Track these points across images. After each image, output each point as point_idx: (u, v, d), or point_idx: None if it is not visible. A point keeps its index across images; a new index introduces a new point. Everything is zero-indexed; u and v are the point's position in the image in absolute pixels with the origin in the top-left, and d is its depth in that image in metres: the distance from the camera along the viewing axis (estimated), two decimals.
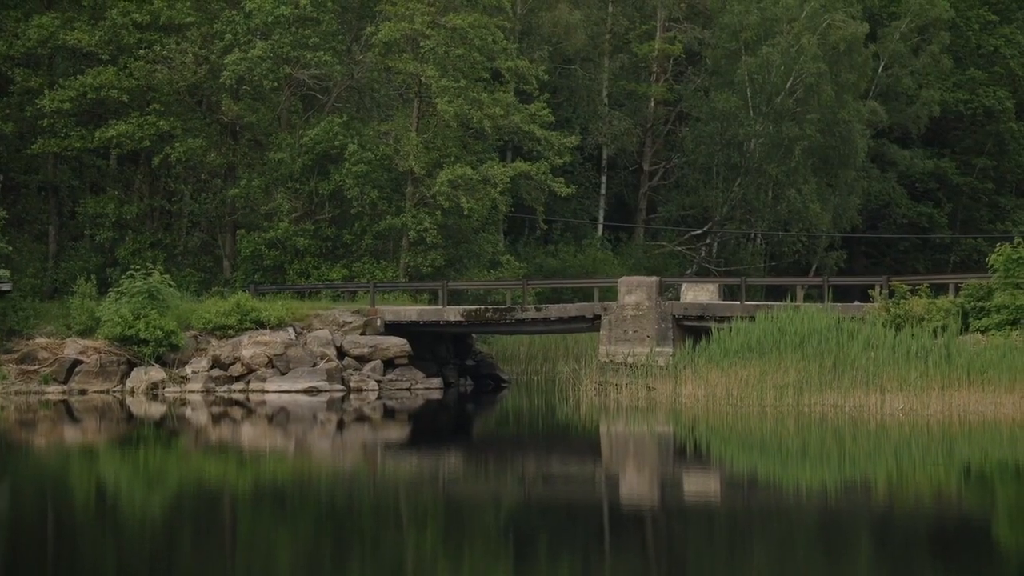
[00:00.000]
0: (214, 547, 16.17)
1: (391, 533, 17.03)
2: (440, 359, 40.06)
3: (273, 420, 32.21)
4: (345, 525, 17.67)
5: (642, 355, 35.05)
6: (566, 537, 16.88)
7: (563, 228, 56.47)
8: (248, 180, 41.90)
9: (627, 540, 16.81)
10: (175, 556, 15.66)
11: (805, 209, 57.15)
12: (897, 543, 16.33)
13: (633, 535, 17.11)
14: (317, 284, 40.69)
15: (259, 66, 40.50)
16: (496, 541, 16.64)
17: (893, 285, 33.99)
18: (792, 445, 26.69)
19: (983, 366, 30.07)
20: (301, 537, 16.54)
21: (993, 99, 64.62)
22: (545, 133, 42.28)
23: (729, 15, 57.34)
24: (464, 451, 27.89)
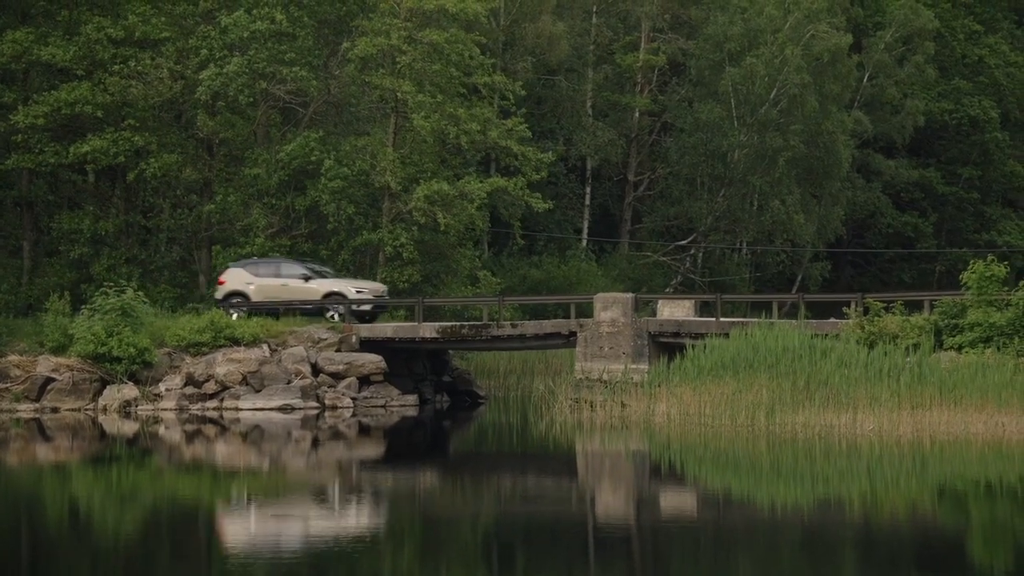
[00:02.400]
0: (189, 566, 16.13)
1: (367, 550, 17.02)
2: (416, 375, 39.95)
3: (247, 438, 32.13)
4: (322, 543, 17.64)
5: (617, 372, 34.98)
6: (543, 554, 16.91)
7: (547, 239, 56.42)
8: (224, 195, 41.80)
9: (606, 557, 16.87)
10: (150, 575, 15.62)
11: (789, 220, 57.16)
12: (877, 560, 16.44)
13: (612, 552, 17.17)
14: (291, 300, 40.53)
15: (235, 81, 40.41)
16: (473, 559, 16.66)
17: (867, 302, 33.90)
18: (765, 464, 26.73)
19: (954, 385, 29.99)
20: None
21: (978, 109, 64.64)
22: (522, 148, 42.22)
23: (713, 26, 57.35)
24: (440, 468, 27.87)
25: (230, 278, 38.80)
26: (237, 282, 38.62)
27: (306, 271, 38.63)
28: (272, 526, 18.83)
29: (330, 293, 38.11)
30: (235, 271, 38.98)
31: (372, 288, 38.85)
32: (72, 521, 19.97)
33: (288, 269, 38.71)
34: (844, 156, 58.38)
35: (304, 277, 38.43)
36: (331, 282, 38.61)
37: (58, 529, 19.12)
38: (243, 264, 39.39)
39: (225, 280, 38.95)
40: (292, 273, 38.56)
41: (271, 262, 39.42)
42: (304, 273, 38.53)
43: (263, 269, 38.76)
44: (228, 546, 17.38)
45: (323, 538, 17.99)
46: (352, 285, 38.61)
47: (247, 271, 38.78)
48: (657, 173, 60.22)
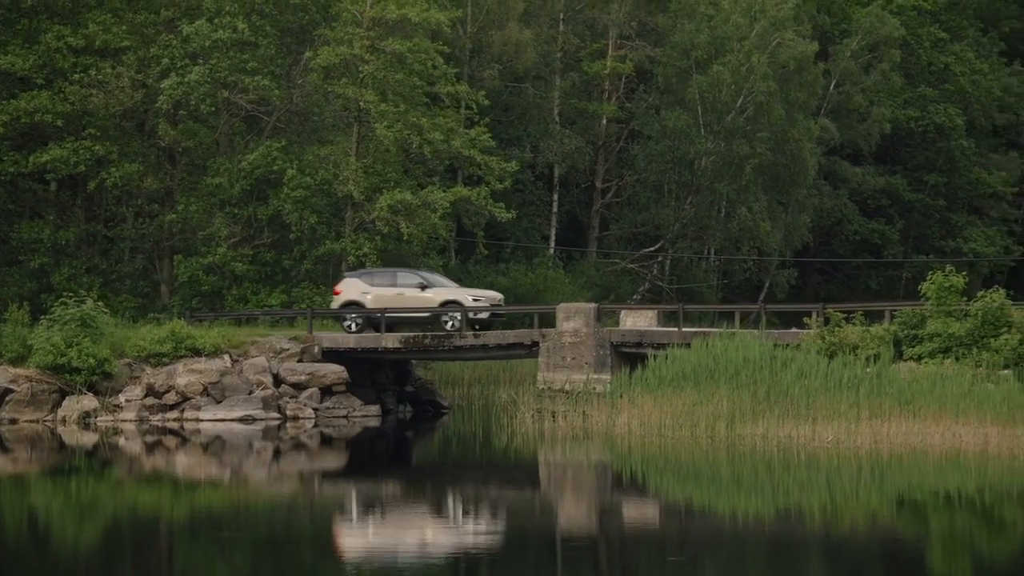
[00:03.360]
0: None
1: (330, 561, 16.98)
2: (379, 385, 39.85)
3: (208, 449, 32.08)
4: (283, 554, 17.61)
5: (580, 382, 34.98)
6: (510, 565, 16.96)
7: (514, 247, 56.41)
8: (186, 205, 41.61)
9: (572, 566, 16.97)
10: None
11: (756, 227, 57.31)
12: (839, 569, 16.71)
13: (578, 561, 17.28)
14: (253, 311, 40.43)
15: (196, 90, 40.24)
16: (440, 570, 16.64)
17: (828, 313, 33.99)
18: (725, 474, 26.89)
19: (912, 396, 30.10)
20: (239, 566, 16.52)
21: (944, 116, 64.94)
22: (485, 158, 42.18)
23: (680, 34, 57.45)
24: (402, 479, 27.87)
25: (346, 288, 38.08)
26: (353, 292, 37.88)
27: (422, 280, 38.00)
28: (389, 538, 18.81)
29: (447, 302, 37.42)
30: (351, 281, 38.28)
31: (488, 296, 38.35)
32: (31, 533, 19.93)
33: (404, 278, 38.10)
34: (810, 163, 58.59)
35: (420, 286, 37.77)
36: (448, 291, 38.06)
37: (16, 541, 19.04)
38: (358, 274, 38.78)
39: (341, 290, 38.21)
40: (408, 282, 37.91)
41: (387, 271, 38.87)
42: (420, 282, 37.85)
43: (379, 279, 38.13)
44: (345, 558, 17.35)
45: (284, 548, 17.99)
46: (469, 293, 38.11)
47: (363, 281, 38.09)
48: (624, 180, 60.30)
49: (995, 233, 66.19)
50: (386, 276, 38.40)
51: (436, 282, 38.48)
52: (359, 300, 37.77)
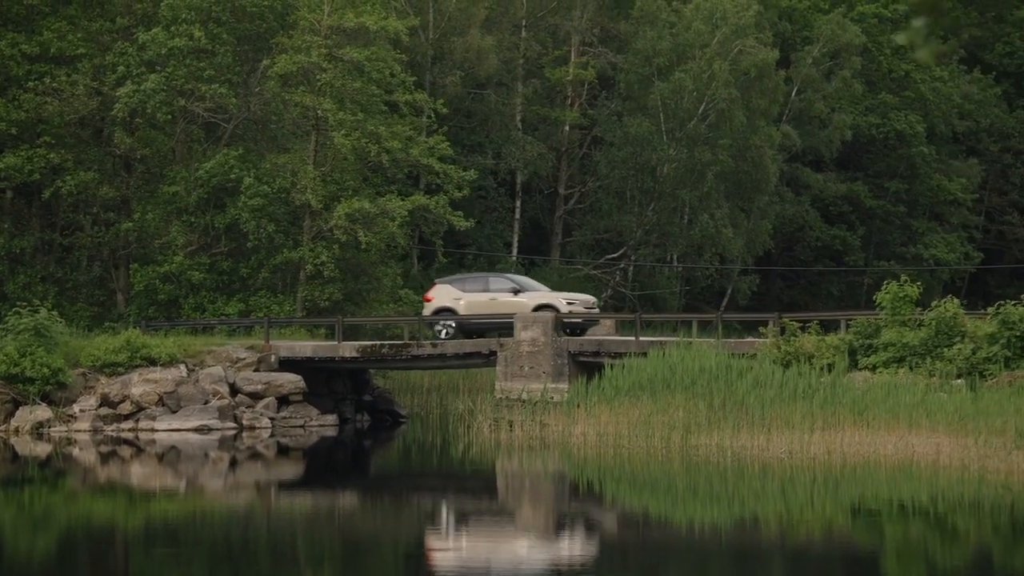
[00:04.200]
0: None
1: (288, 572, 16.90)
2: (337, 395, 39.71)
3: (163, 459, 31.93)
4: (241, 564, 17.56)
5: (537, 391, 34.94)
6: None
7: (476, 253, 56.39)
8: (142, 213, 41.37)
9: None
10: None
11: (718, 234, 57.50)
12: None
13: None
14: (210, 320, 40.22)
15: (153, 98, 40.01)
16: None
17: (784, 322, 34.08)
18: (681, 484, 26.99)
19: (865, 406, 30.19)
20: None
21: (904, 123, 65.31)
22: (444, 167, 42.14)
23: (642, 41, 57.59)
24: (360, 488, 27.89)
25: (437, 294, 37.55)
26: (445, 298, 37.31)
27: (515, 284, 37.47)
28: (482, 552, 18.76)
29: (541, 306, 36.72)
30: (442, 287, 37.76)
31: (583, 300, 37.68)
32: None
33: (497, 283, 37.60)
34: (772, 170, 58.84)
35: (513, 291, 37.20)
36: (541, 295, 37.45)
37: None
38: (450, 280, 38.23)
39: (432, 297, 37.66)
40: (501, 287, 37.38)
41: (479, 277, 38.48)
42: (513, 287, 37.30)
43: (471, 284, 37.65)
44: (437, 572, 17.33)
45: (242, 559, 17.92)
46: (563, 297, 37.49)
47: (454, 287, 37.56)
48: (587, 187, 60.40)
49: (955, 239, 66.61)
50: (478, 281, 37.92)
51: (529, 286, 37.93)
52: (451, 306, 37.12)
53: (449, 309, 37.20)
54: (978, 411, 28.85)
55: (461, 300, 37.18)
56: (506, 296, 37.18)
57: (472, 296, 37.20)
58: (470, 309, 36.98)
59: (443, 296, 37.45)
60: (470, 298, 37.17)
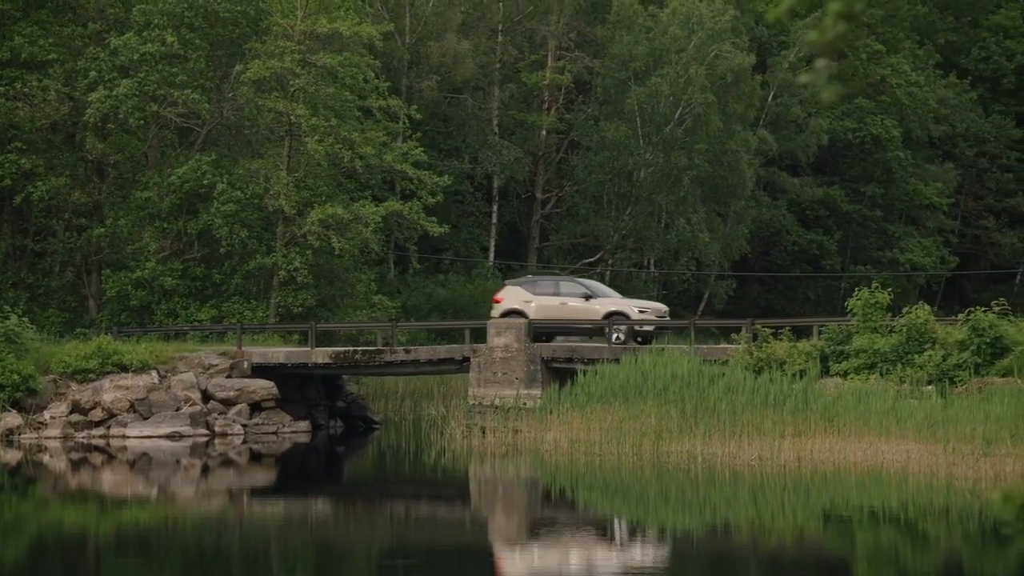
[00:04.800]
0: None
1: None
2: (309, 401, 39.62)
3: (135, 466, 31.87)
4: (213, 572, 17.53)
5: (510, 398, 34.91)
6: None
7: (453, 257, 56.37)
8: (114, 219, 41.23)
9: None
10: None
11: (694, 238, 57.59)
12: None
13: None
14: (182, 326, 40.11)
15: (125, 104, 39.88)
16: None
17: (756, 329, 34.13)
18: (653, 491, 27.08)
19: (835, 413, 30.25)
20: None
21: (880, 128, 65.52)
22: (418, 172, 42.11)
23: (618, 45, 57.64)
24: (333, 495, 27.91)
25: (507, 297, 37.08)
26: (515, 300, 36.81)
27: (586, 290, 36.94)
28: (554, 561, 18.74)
29: (612, 313, 36.17)
30: (513, 289, 37.33)
31: (655, 308, 37.26)
32: None
33: (568, 287, 37.08)
34: (748, 175, 58.97)
35: (584, 296, 36.62)
36: (613, 301, 36.94)
37: None
38: (521, 282, 37.78)
39: (502, 299, 37.18)
40: (572, 292, 36.83)
41: (549, 280, 38.09)
42: (584, 292, 36.73)
43: (541, 287, 37.18)
44: None
45: (214, 566, 17.89)
46: (635, 305, 37.04)
47: (525, 289, 37.10)
48: (564, 191, 60.44)
49: (931, 244, 66.83)
50: (549, 285, 37.51)
51: (600, 292, 37.46)
52: (521, 309, 36.65)
53: (519, 312, 36.68)
54: (947, 418, 28.94)
55: (532, 303, 36.68)
56: (577, 301, 36.68)
57: (543, 300, 36.72)
58: (540, 313, 36.44)
59: (513, 298, 36.95)
60: (541, 301, 36.68)
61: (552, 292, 37.10)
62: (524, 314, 36.53)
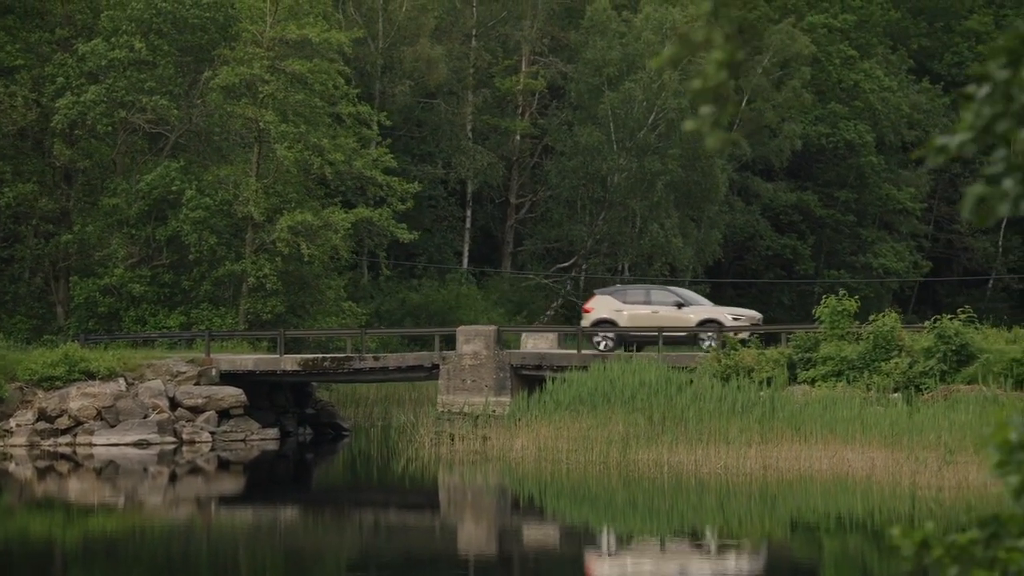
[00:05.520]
0: None
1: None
2: (279, 408, 39.53)
3: (101, 474, 31.80)
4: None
5: (479, 405, 34.89)
6: None
7: (427, 262, 56.31)
8: (82, 225, 41.07)
9: None
10: None
11: (668, 243, 57.66)
12: None
13: None
14: (150, 333, 39.98)
15: (93, 110, 39.72)
16: None
17: (724, 336, 34.19)
18: (620, 499, 27.11)
19: (802, 421, 30.32)
20: None
21: (854, 133, 65.67)
22: (387, 179, 42.06)
23: (592, 50, 57.66)
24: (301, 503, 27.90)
25: (597, 305, 36.58)
26: (605, 310, 36.32)
27: (678, 298, 36.53)
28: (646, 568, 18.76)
29: (705, 320, 35.73)
30: (602, 298, 36.84)
31: (748, 315, 36.84)
32: None
33: (659, 296, 36.68)
34: (721, 180, 59.07)
35: (677, 304, 36.19)
36: (706, 309, 36.57)
37: None
38: (611, 291, 37.36)
39: (592, 308, 36.68)
40: (663, 300, 36.40)
41: (640, 288, 37.68)
42: (676, 300, 36.33)
43: (632, 296, 36.71)
44: None
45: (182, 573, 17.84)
46: (728, 312, 36.64)
47: (615, 298, 36.63)
48: (538, 196, 60.45)
49: (904, 248, 67.03)
50: (639, 293, 37.13)
51: (692, 300, 37.04)
52: (611, 318, 36.20)
53: (609, 321, 36.23)
54: (912, 426, 29.06)
55: (623, 312, 36.21)
56: (669, 309, 36.21)
57: (634, 308, 36.25)
58: (632, 322, 35.95)
59: (603, 307, 36.50)
60: (632, 311, 36.20)
61: (643, 300, 36.66)
62: (615, 323, 36.04)
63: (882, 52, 69.17)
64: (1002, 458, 5.32)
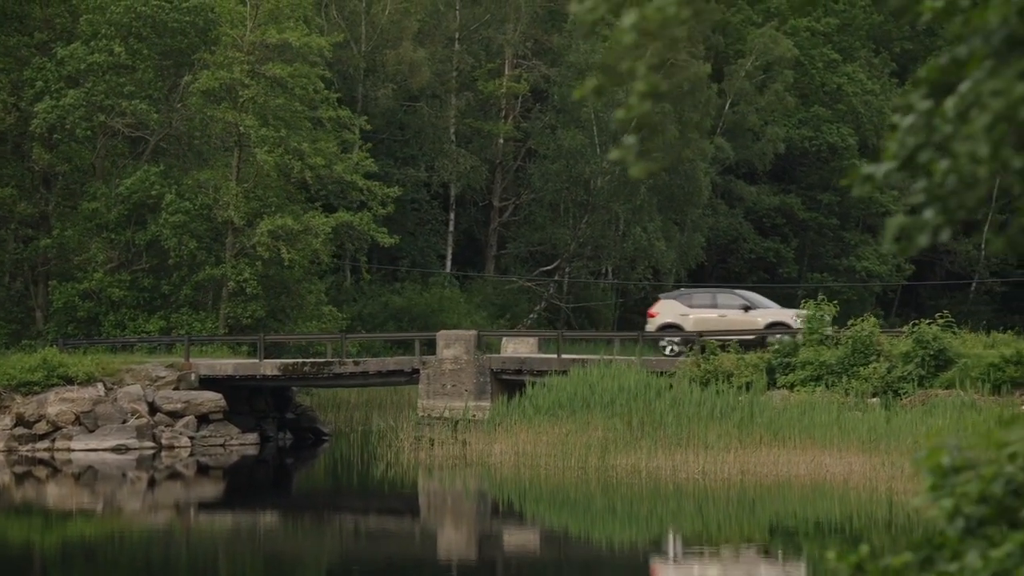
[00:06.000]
0: None
1: None
2: (259, 413, 39.43)
3: (80, 479, 31.72)
4: None
5: (459, 410, 34.88)
6: None
7: (409, 265, 56.25)
8: (61, 230, 40.95)
9: None
10: None
11: (651, 247, 57.71)
12: None
13: None
14: (129, 337, 39.87)
15: (72, 114, 39.61)
16: None
17: (703, 340, 34.21)
18: (599, 504, 27.16)
19: (780, 426, 30.34)
20: None
21: (836, 136, 65.81)
22: (367, 183, 42.01)
23: (575, 54, 57.66)
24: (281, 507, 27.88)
25: (662, 310, 36.30)
26: (671, 314, 36.01)
27: (745, 301, 36.15)
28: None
29: (774, 323, 35.34)
30: (668, 303, 36.52)
31: None
32: None
33: (725, 299, 36.33)
34: (704, 183, 59.14)
35: (743, 307, 35.83)
36: (773, 312, 36.25)
37: None
38: (676, 295, 37.04)
39: (657, 312, 36.40)
40: (729, 303, 36.07)
41: (705, 292, 37.40)
42: (743, 303, 35.98)
43: (697, 299, 36.39)
44: None
45: None
46: (796, 315, 35.89)
47: (680, 302, 36.33)
48: (521, 199, 60.44)
49: (887, 252, 67.11)
50: (705, 297, 36.85)
51: (759, 303, 36.72)
52: (677, 322, 35.91)
53: (675, 325, 35.95)
54: (890, 431, 29.11)
55: (689, 316, 35.90)
56: (736, 313, 35.96)
57: (700, 312, 35.95)
58: (699, 326, 35.61)
59: (669, 312, 36.22)
60: (698, 314, 35.90)
61: (710, 304, 36.36)
62: (681, 327, 35.76)
63: (865, 55, 69.33)
64: (935, 482, 5.33)
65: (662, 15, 4.85)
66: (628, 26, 5.00)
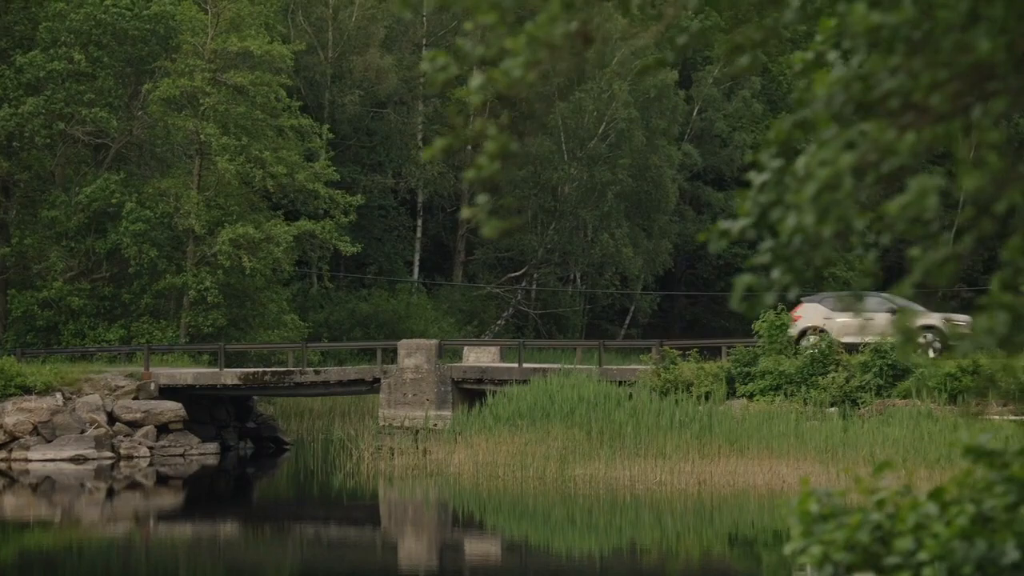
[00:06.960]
0: None
1: None
2: (219, 422, 39.26)
3: (37, 489, 31.52)
4: None
5: (420, 419, 34.81)
6: None
7: (377, 271, 56.15)
8: (20, 238, 40.70)
9: None
10: None
11: (618, 253, 57.78)
12: None
13: None
14: (88, 347, 39.65)
15: (31, 122, 39.38)
16: None
17: (664, 350, 34.21)
18: (558, 514, 27.14)
19: (738, 436, 30.37)
20: None
21: None
22: (329, 192, 41.91)
23: None
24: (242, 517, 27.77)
25: (806, 313, 35.22)
26: (815, 318, 34.98)
27: (892, 305, 34.47)
28: None
29: (923, 327, 33.88)
30: (811, 306, 35.40)
31: (966, 322, 36.23)
32: None
33: (872, 303, 34.48)
34: (671, 190, 59.25)
35: (891, 311, 33.88)
36: (922, 315, 34.59)
37: None
38: (819, 298, 36.20)
39: (800, 316, 35.26)
40: (876, 307, 34.22)
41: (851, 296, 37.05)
42: (891, 307, 34.06)
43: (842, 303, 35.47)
44: None
45: None
46: (945, 318, 34.83)
47: (824, 306, 35.31)
48: None
49: (854, 257, 67.39)
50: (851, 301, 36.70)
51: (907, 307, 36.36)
52: (822, 327, 34.86)
53: (819, 329, 34.96)
54: (846, 440, 29.17)
55: (834, 320, 35.00)
56: (883, 316, 34.16)
57: (845, 316, 35.12)
58: (844, 330, 34.81)
59: (813, 316, 35.30)
60: (843, 318, 35.04)
61: None
62: (825, 332, 34.85)
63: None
64: (804, 529, 5.30)
65: (508, 78, 4.82)
66: (475, 88, 4.98)
